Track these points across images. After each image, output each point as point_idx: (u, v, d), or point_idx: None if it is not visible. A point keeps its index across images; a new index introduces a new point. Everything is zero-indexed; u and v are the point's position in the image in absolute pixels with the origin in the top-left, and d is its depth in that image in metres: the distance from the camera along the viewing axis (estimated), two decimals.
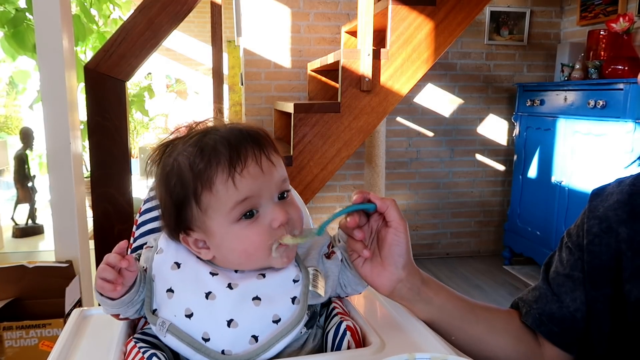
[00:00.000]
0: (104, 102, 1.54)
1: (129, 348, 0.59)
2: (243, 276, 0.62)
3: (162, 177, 0.62)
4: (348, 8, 2.85)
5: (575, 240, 0.68)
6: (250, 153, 0.59)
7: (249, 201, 0.59)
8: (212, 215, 0.60)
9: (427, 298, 0.67)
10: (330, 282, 0.65)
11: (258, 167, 0.59)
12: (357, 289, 0.69)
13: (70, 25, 1.62)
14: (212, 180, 0.58)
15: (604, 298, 0.64)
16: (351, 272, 0.67)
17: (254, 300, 0.59)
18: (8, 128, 5.64)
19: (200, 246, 0.62)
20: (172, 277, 0.62)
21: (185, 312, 0.59)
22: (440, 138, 3.14)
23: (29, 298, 1.57)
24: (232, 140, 0.59)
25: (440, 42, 1.93)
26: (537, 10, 3.08)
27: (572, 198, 2.47)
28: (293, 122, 1.86)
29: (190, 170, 0.59)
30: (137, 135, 5.68)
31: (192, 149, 0.60)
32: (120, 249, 0.58)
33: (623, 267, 0.62)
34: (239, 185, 0.58)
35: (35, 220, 2.86)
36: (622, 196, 0.65)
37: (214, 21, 2.75)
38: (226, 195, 0.58)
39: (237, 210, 0.59)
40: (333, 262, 0.66)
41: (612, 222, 0.64)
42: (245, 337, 0.58)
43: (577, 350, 0.67)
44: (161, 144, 0.64)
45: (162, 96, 6.34)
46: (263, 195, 0.60)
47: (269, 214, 0.60)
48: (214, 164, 0.58)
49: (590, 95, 2.35)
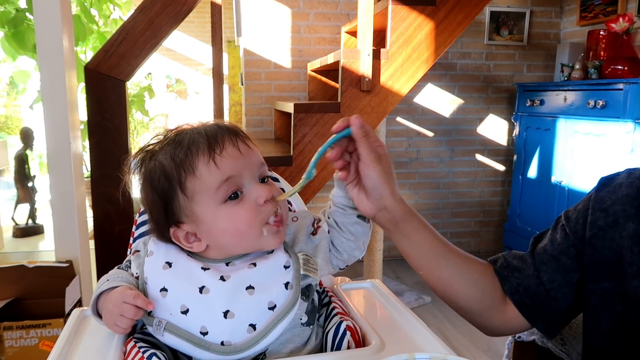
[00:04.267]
0: (104, 102, 1.54)
1: (128, 348, 0.60)
2: (234, 268, 0.63)
3: (145, 178, 0.64)
4: (348, 8, 2.85)
5: (574, 227, 0.68)
6: (227, 138, 0.62)
7: (232, 180, 0.61)
8: (199, 200, 0.61)
9: (404, 232, 0.70)
10: (322, 254, 0.67)
11: (236, 149, 0.62)
12: (353, 254, 0.70)
13: (71, 25, 1.62)
14: (194, 164, 0.60)
15: (601, 292, 0.64)
16: (344, 235, 0.69)
17: (248, 289, 0.60)
18: (8, 128, 5.64)
19: (191, 240, 0.63)
20: (164, 277, 0.62)
21: (180, 308, 0.59)
22: (440, 138, 3.14)
23: (29, 298, 1.57)
24: (208, 131, 0.62)
25: (440, 42, 1.93)
26: (537, 10, 3.08)
27: (572, 198, 2.47)
28: (293, 122, 1.86)
29: (172, 161, 0.61)
30: (137, 135, 5.67)
31: (169, 147, 0.62)
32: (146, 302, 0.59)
33: (627, 262, 0.61)
34: (220, 164, 0.60)
35: (35, 220, 2.86)
36: (631, 190, 0.64)
37: (214, 21, 2.75)
38: (210, 176, 0.60)
39: (222, 190, 0.61)
40: (320, 235, 0.68)
41: (619, 216, 0.63)
42: (243, 327, 0.58)
43: (542, 325, 0.69)
44: (141, 149, 0.66)
45: (162, 96, 6.33)
46: (245, 175, 0.62)
47: (254, 192, 0.62)
48: (194, 150, 0.61)
49: (590, 95, 2.35)
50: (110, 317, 0.60)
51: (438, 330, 2.24)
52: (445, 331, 2.24)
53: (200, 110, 6.38)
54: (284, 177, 0.94)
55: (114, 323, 0.60)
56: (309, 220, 0.70)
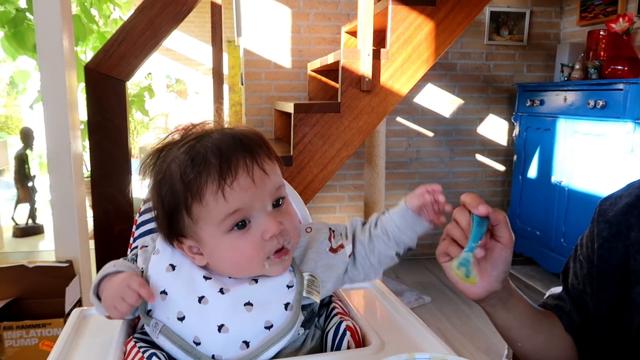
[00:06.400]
0: (104, 102, 1.54)
1: (128, 348, 0.60)
2: (236, 281, 0.62)
3: (155, 183, 0.62)
4: (348, 8, 2.85)
5: (586, 252, 0.69)
6: (242, 163, 0.58)
7: (239, 213, 0.58)
8: (203, 226, 0.59)
9: (509, 307, 0.66)
10: (334, 278, 0.64)
11: (249, 179, 0.58)
12: (368, 277, 0.67)
13: (71, 25, 1.62)
14: (202, 192, 0.57)
15: (609, 300, 0.65)
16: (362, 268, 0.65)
17: (246, 305, 0.59)
18: (8, 128, 5.63)
19: (194, 252, 0.62)
20: (166, 279, 0.62)
21: (177, 314, 0.59)
22: (440, 138, 3.14)
23: (29, 298, 1.57)
24: (223, 149, 0.58)
25: (440, 42, 1.93)
26: (537, 11, 3.08)
27: (572, 198, 2.47)
28: (293, 122, 1.86)
29: (181, 180, 0.58)
30: (137, 135, 5.67)
31: (184, 157, 0.59)
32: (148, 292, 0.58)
33: (631, 270, 0.63)
34: (228, 197, 0.57)
35: (35, 220, 2.86)
36: (631, 199, 0.65)
37: (214, 21, 2.75)
38: (216, 207, 0.57)
39: (228, 222, 0.58)
40: (339, 256, 0.64)
41: (622, 226, 0.64)
42: (236, 343, 0.57)
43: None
44: (155, 149, 0.63)
45: (162, 96, 6.33)
46: (255, 207, 0.59)
47: (261, 225, 0.59)
48: (204, 174, 0.57)
49: (590, 95, 2.35)
50: (111, 298, 0.59)
51: (438, 330, 2.24)
52: (445, 331, 2.24)
53: (200, 110, 6.38)
54: (284, 177, 0.94)
55: (113, 305, 0.58)
56: (324, 234, 0.66)
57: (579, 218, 2.41)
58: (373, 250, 0.64)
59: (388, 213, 0.65)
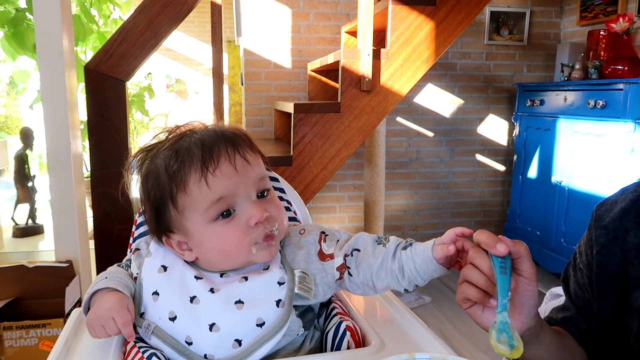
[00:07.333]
0: (104, 102, 1.54)
1: (128, 348, 0.60)
2: (227, 280, 0.62)
3: (141, 182, 0.63)
4: (348, 8, 2.84)
5: (585, 260, 0.69)
6: (223, 152, 0.59)
7: (224, 200, 0.59)
8: (188, 216, 0.60)
9: (540, 339, 0.64)
10: (324, 284, 0.63)
11: (231, 167, 0.59)
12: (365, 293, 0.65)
13: (71, 25, 1.62)
14: (185, 181, 0.59)
15: (610, 306, 0.65)
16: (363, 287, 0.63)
17: (237, 304, 0.59)
18: (8, 128, 5.63)
19: (183, 248, 0.63)
20: (158, 280, 0.62)
21: (169, 315, 0.59)
22: (440, 138, 3.14)
23: (29, 298, 1.56)
24: (206, 141, 0.60)
25: (440, 42, 1.93)
26: (537, 10, 3.08)
27: (572, 198, 2.47)
28: (293, 122, 1.86)
29: (166, 172, 0.60)
30: (137, 135, 5.67)
31: (168, 152, 0.61)
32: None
33: (629, 274, 0.63)
34: (212, 185, 0.58)
35: (35, 220, 2.85)
36: (625, 204, 0.65)
37: (214, 21, 2.75)
38: (200, 195, 0.59)
39: (213, 210, 0.59)
40: (327, 265, 0.63)
41: (618, 231, 0.64)
42: (227, 342, 0.57)
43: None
44: (141, 149, 0.64)
45: (162, 96, 6.33)
46: (239, 194, 0.60)
47: (246, 212, 0.60)
48: (187, 164, 0.59)
49: (590, 95, 2.35)
50: (93, 320, 0.59)
51: (438, 330, 2.23)
52: (445, 331, 2.24)
53: (200, 110, 6.38)
54: (284, 177, 0.94)
55: (93, 328, 0.59)
56: (315, 236, 0.65)
57: (579, 218, 2.40)
58: (381, 279, 0.61)
59: (410, 250, 0.60)
